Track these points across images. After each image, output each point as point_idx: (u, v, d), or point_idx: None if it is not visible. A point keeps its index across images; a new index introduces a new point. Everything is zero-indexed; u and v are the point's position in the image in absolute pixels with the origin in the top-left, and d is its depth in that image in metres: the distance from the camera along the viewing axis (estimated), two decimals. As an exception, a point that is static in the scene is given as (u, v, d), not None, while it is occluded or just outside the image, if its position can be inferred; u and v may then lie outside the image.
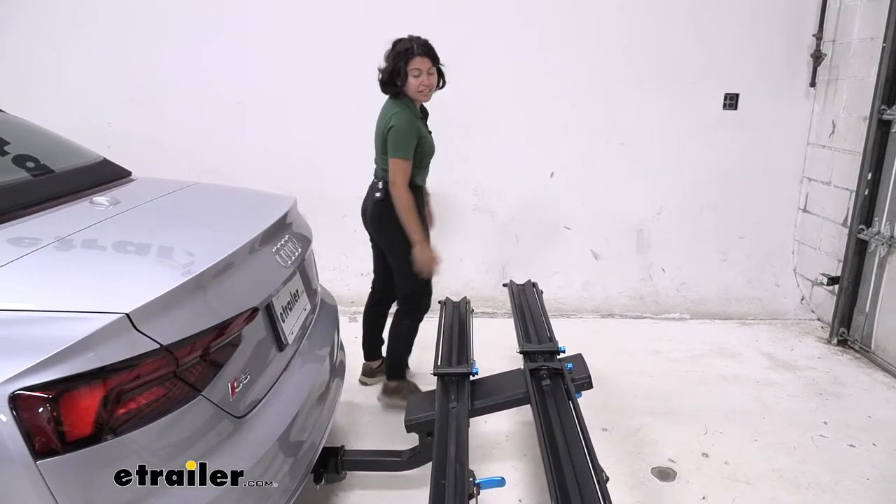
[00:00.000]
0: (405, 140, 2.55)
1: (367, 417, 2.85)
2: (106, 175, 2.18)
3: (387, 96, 2.69)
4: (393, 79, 2.60)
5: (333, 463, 2.10)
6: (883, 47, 3.35)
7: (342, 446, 2.17)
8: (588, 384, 2.16)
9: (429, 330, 2.80)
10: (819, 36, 3.97)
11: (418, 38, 2.62)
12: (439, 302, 2.77)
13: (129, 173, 2.32)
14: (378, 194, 2.69)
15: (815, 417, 2.87)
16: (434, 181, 4.32)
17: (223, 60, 4.13)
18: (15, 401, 1.12)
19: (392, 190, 2.58)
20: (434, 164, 2.91)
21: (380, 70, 2.65)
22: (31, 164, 1.93)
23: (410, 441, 2.23)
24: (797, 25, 4.03)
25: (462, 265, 4.29)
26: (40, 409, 1.14)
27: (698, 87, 4.15)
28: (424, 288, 2.75)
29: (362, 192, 4.68)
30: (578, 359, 2.28)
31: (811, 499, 2.31)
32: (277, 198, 2.21)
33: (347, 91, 4.13)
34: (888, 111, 3.35)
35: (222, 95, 4.17)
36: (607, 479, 1.48)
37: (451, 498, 1.49)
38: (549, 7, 4.02)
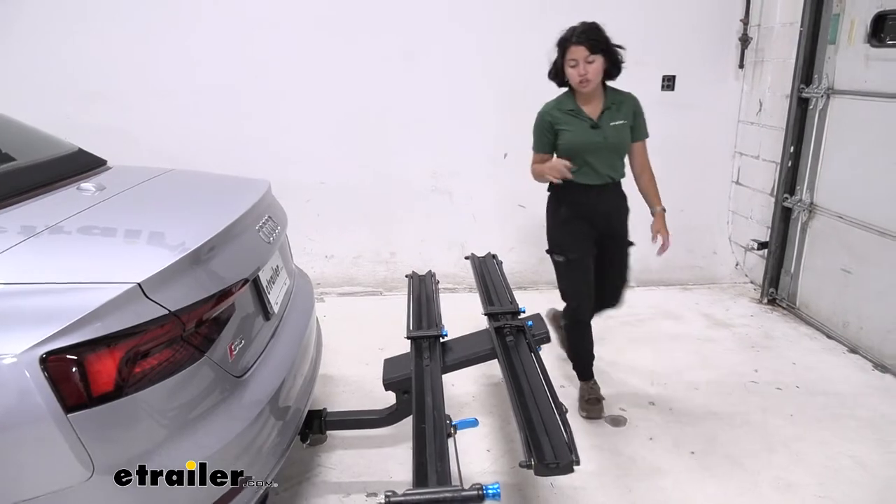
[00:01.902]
0: (534, 133, 2.63)
1: (340, 388, 3.02)
2: (83, 164, 2.27)
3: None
4: (558, 71, 2.53)
5: (317, 424, 2.27)
6: (800, 31, 3.67)
7: (324, 409, 2.34)
8: (546, 338, 2.39)
9: (399, 301, 2.99)
10: (746, 21, 4.29)
11: (582, 23, 2.47)
12: (406, 276, 2.95)
13: (104, 162, 2.40)
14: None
15: (748, 367, 3.20)
16: (394, 165, 4.44)
17: (181, 51, 4.16)
18: (45, 362, 1.26)
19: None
20: (394, 149, 3.03)
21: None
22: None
23: (383, 406, 2.41)
24: (727, 11, 4.32)
25: (423, 244, 4.48)
26: (67, 369, 1.28)
27: (639, 69, 4.40)
28: (574, 297, 2.68)
29: (324, 178, 4.76)
30: (537, 317, 2.50)
31: (743, 435, 2.62)
32: (253, 182, 2.34)
33: (307, 81, 4.24)
34: (806, 90, 3.69)
35: (181, 86, 4.20)
36: (566, 410, 1.71)
37: (431, 437, 1.69)
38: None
